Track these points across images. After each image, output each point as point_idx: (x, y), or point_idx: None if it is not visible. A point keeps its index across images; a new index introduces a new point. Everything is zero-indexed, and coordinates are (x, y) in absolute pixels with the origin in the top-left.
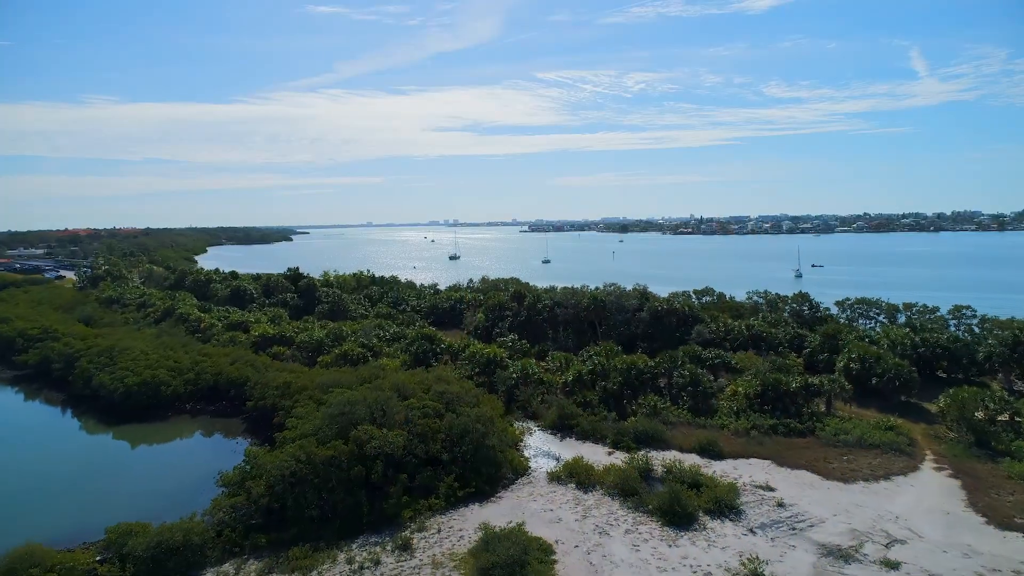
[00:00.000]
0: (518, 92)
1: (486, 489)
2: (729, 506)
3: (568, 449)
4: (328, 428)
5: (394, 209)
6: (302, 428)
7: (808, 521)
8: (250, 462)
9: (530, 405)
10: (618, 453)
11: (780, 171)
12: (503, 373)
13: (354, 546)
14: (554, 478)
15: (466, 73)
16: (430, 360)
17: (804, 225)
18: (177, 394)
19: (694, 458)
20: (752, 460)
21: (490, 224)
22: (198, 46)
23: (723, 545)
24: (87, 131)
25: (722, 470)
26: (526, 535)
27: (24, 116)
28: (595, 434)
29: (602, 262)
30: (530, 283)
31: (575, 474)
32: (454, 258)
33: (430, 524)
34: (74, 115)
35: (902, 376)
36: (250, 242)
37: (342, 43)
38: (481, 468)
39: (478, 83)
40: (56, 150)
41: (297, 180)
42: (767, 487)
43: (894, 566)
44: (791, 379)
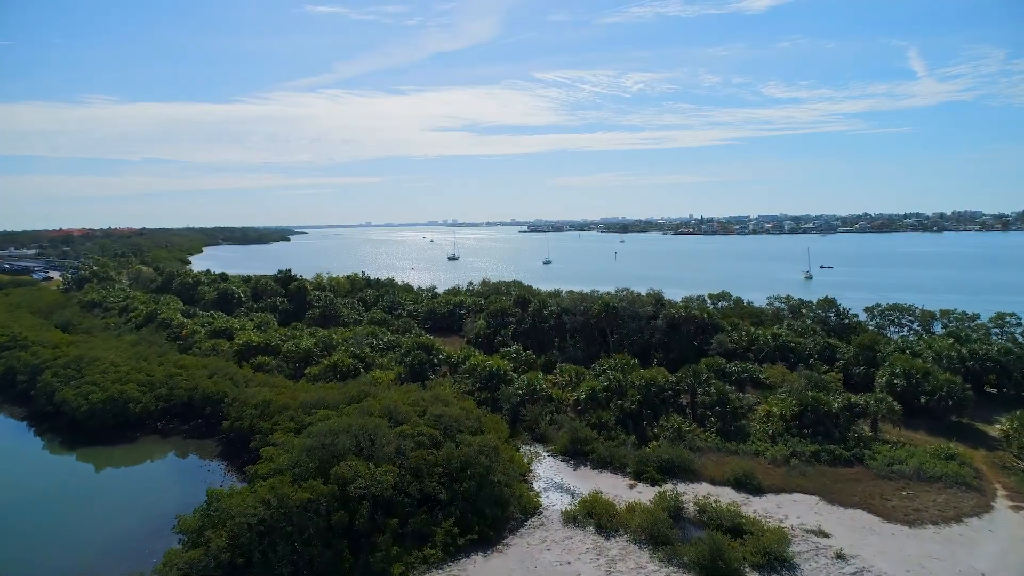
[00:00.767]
0: (517, 92)
1: (490, 535)
2: (780, 559)
3: (583, 480)
4: (307, 462)
5: (393, 209)
6: (278, 461)
7: None
8: (212, 504)
9: (538, 426)
10: (641, 485)
11: (779, 171)
12: (507, 390)
13: None
14: (570, 519)
15: (465, 73)
16: (427, 372)
17: (806, 225)
18: (147, 411)
19: (729, 492)
20: (797, 496)
21: (489, 224)
22: (197, 46)
23: None
24: (86, 131)
25: (764, 508)
26: None
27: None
28: (613, 462)
29: (604, 263)
30: (533, 286)
31: (594, 514)
32: (453, 259)
33: None
34: (73, 115)
35: (955, 394)
36: (247, 242)
37: (341, 43)
38: (485, 509)
39: (477, 83)
40: (55, 150)
41: (296, 180)
42: (820, 532)
43: None
44: (832, 398)
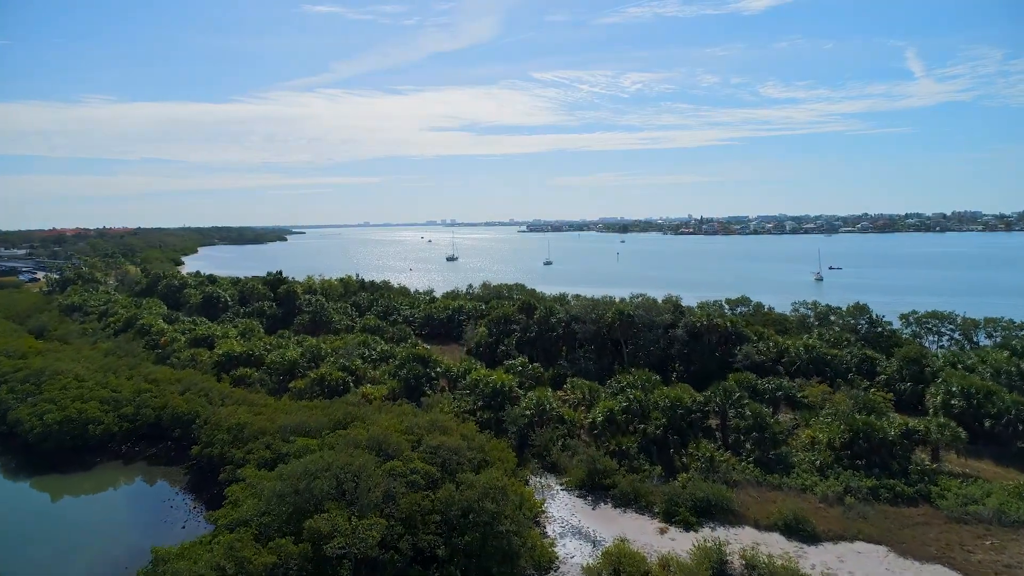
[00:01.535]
0: (515, 92)
1: None
2: None
3: (605, 522)
4: (277, 510)
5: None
6: (244, 508)
7: None
8: (158, 567)
9: (549, 452)
10: (673, 530)
11: (778, 171)
12: (514, 411)
13: None
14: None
15: (463, 73)
16: (423, 387)
17: (807, 226)
18: (110, 433)
19: (778, 540)
20: (859, 545)
21: (488, 224)
22: (195, 46)
23: None
24: (84, 130)
25: (823, 563)
26: None
27: (21, 115)
28: (639, 499)
29: (606, 264)
30: (536, 290)
31: (621, 571)
32: (452, 259)
33: None
34: (71, 114)
35: None
36: (244, 242)
37: (339, 43)
38: (491, 567)
39: (475, 83)
40: (53, 149)
41: (295, 180)
42: None
43: None
44: (886, 423)
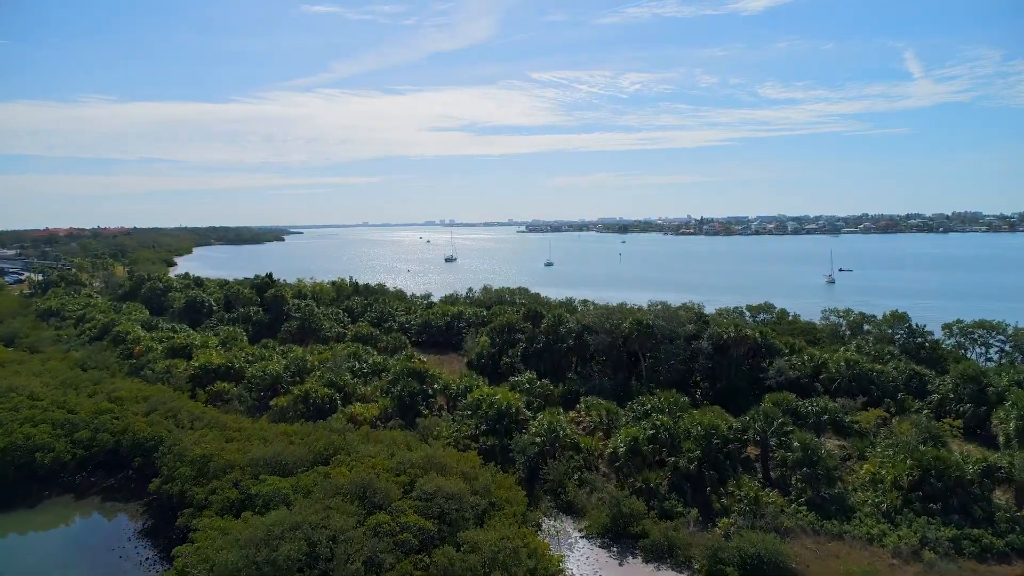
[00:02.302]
0: (514, 92)
1: None
2: None
3: None
4: None
5: (390, 209)
6: None
7: None
8: None
9: (564, 488)
10: None
11: (776, 172)
12: (522, 439)
13: None
14: None
15: (462, 73)
16: (419, 406)
17: (809, 226)
18: (61, 462)
19: None
20: None
21: (486, 224)
22: (193, 45)
23: None
24: (82, 130)
25: None
26: None
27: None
28: (674, 551)
29: (609, 265)
30: (540, 294)
31: None
32: (450, 260)
33: None
34: (69, 114)
35: None
36: (241, 242)
37: (338, 43)
38: None
39: (474, 83)
40: (51, 149)
41: (293, 180)
42: None
43: None
44: (963, 459)
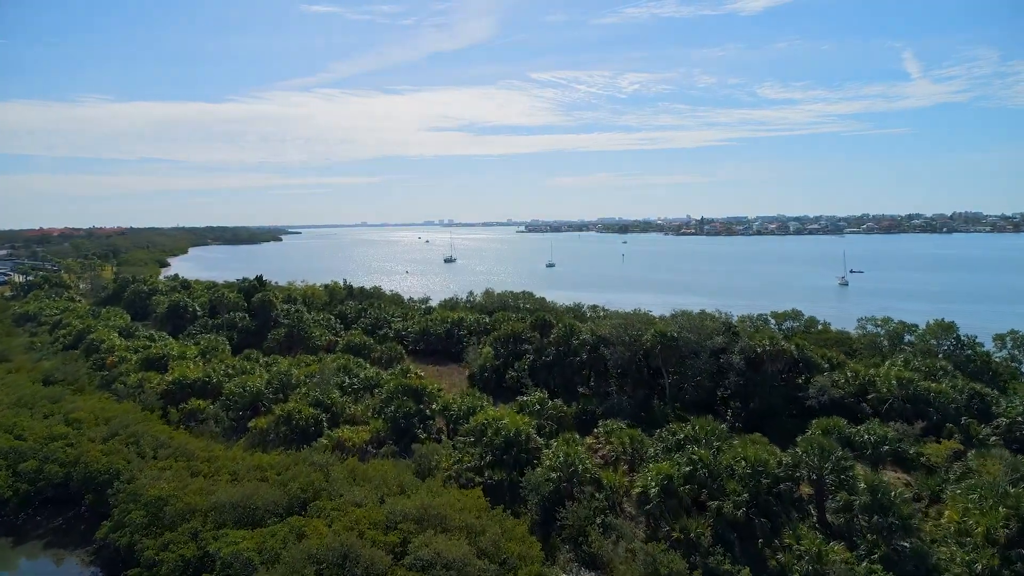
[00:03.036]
0: (513, 92)
1: None
2: None
3: None
4: None
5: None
6: None
7: None
8: None
9: (585, 537)
10: None
11: (776, 172)
12: (535, 475)
13: None
14: None
15: (461, 73)
16: (415, 430)
17: (811, 226)
18: (1, 499)
19: None
20: None
21: (486, 224)
22: (192, 45)
23: None
24: (80, 130)
25: None
26: None
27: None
28: None
29: (612, 266)
30: (546, 298)
31: None
32: (450, 261)
33: None
34: (67, 113)
35: None
36: (238, 242)
37: (336, 43)
38: None
39: (473, 83)
40: (49, 149)
41: (292, 180)
42: None
43: None
44: None
